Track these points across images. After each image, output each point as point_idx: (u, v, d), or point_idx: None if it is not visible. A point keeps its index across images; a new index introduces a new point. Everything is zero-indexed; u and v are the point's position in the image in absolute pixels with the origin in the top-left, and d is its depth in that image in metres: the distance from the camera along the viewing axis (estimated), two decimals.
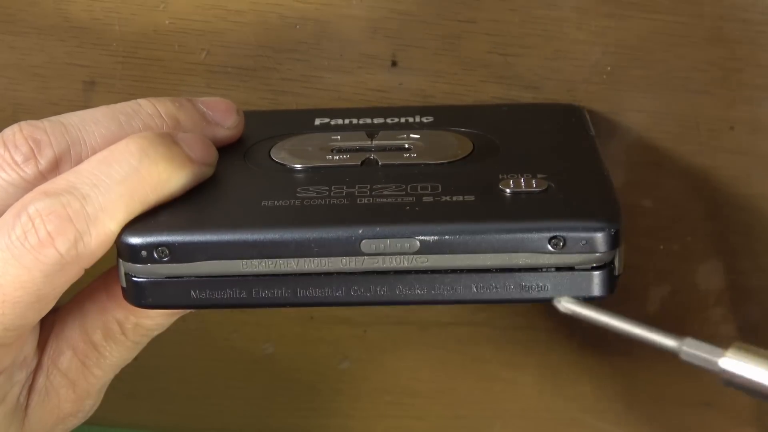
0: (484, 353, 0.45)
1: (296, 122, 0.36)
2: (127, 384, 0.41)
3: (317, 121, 0.36)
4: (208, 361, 0.47)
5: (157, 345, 0.35)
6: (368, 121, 0.36)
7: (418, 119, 0.36)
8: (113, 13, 0.37)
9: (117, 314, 0.33)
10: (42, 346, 0.33)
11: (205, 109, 0.33)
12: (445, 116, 0.36)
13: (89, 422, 0.35)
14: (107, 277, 0.33)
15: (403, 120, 0.36)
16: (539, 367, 0.45)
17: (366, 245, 0.28)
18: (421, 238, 0.28)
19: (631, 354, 0.44)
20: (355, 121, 0.36)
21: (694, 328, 0.43)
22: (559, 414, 0.47)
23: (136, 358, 0.34)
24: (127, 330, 0.33)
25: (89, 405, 0.34)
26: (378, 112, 0.36)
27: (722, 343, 0.27)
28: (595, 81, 0.37)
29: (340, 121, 0.36)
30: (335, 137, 0.34)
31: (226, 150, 0.33)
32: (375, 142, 0.34)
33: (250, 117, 0.35)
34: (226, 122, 0.34)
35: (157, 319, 0.33)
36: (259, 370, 0.47)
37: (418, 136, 0.34)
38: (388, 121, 0.36)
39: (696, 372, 0.36)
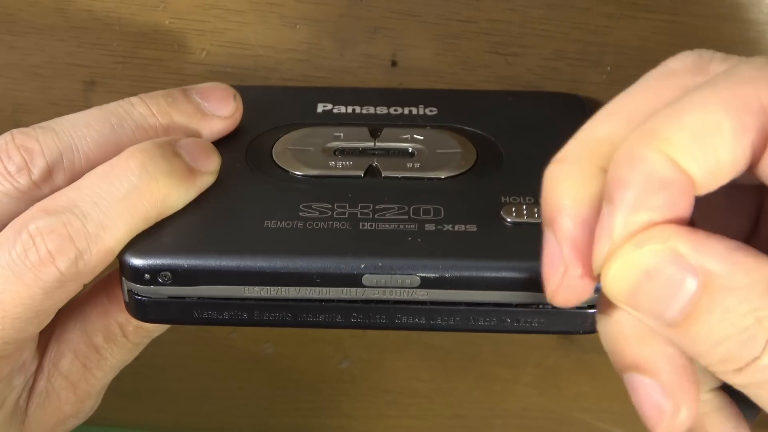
0: (484, 353, 0.45)
1: (298, 107, 0.36)
2: (127, 384, 0.40)
3: (320, 108, 0.36)
4: (208, 361, 0.47)
5: (157, 345, 0.35)
6: (372, 110, 0.35)
7: (421, 111, 0.35)
8: (113, 13, 0.37)
9: (118, 317, 0.33)
10: (43, 349, 0.33)
11: (200, 101, 0.33)
12: (449, 107, 0.36)
13: (89, 422, 0.35)
14: (108, 281, 0.33)
15: (406, 111, 0.35)
16: (539, 367, 0.45)
17: (367, 279, 0.28)
18: (422, 274, 0.28)
19: None
20: (358, 109, 0.36)
21: None
22: (559, 414, 0.47)
23: (136, 358, 0.34)
24: (129, 332, 0.33)
25: (89, 406, 0.34)
26: (381, 98, 0.36)
27: None
28: (595, 81, 0.37)
29: (342, 109, 0.36)
30: (337, 134, 0.34)
31: (228, 146, 0.33)
32: (378, 144, 0.34)
33: (251, 95, 0.34)
34: (223, 112, 0.33)
35: None
36: (259, 370, 0.47)
37: (422, 138, 0.34)
38: (392, 111, 0.35)
39: None
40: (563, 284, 0.24)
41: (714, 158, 0.22)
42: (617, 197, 0.22)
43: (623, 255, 0.22)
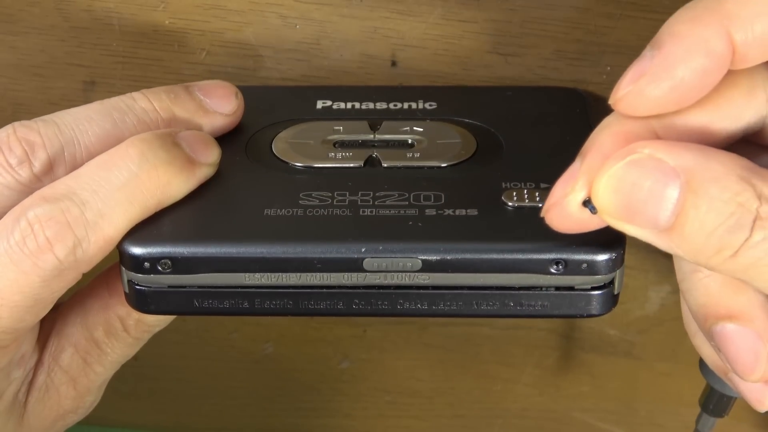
0: (484, 353, 0.45)
1: (297, 104, 0.36)
2: (127, 384, 0.41)
3: (319, 104, 0.36)
4: (208, 361, 0.47)
5: (157, 345, 0.35)
6: (371, 105, 0.36)
7: (421, 105, 0.35)
8: (113, 13, 0.37)
9: (119, 311, 0.33)
10: (43, 343, 0.33)
11: (202, 97, 0.33)
12: (448, 102, 0.36)
13: (89, 422, 0.35)
14: (108, 274, 0.33)
15: (406, 106, 0.35)
16: (539, 367, 0.45)
17: (368, 263, 0.28)
18: (423, 257, 0.28)
19: (631, 354, 0.44)
20: (357, 105, 0.36)
21: None
22: (559, 414, 0.47)
23: (135, 357, 0.34)
24: (129, 326, 0.33)
25: (89, 401, 0.34)
26: (380, 94, 0.36)
27: None
28: (595, 81, 0.37)
29: (342, 105, 0.36)
30: (337, 128, 0.34)
31: (228, 140, 0.33)
32: (378, 136, 0.34)
33: (251, 94, 0.35)
34: (225, 109, 0.33)
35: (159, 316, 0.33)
36: (259, 370, 0.47)
37: (422, 130, 0.34)
38: (391, 106, 0.35)
39: (696, 372, 0.36)
40: (563, 203, 0.25)
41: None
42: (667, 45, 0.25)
43: (609, 169, 0.24)
